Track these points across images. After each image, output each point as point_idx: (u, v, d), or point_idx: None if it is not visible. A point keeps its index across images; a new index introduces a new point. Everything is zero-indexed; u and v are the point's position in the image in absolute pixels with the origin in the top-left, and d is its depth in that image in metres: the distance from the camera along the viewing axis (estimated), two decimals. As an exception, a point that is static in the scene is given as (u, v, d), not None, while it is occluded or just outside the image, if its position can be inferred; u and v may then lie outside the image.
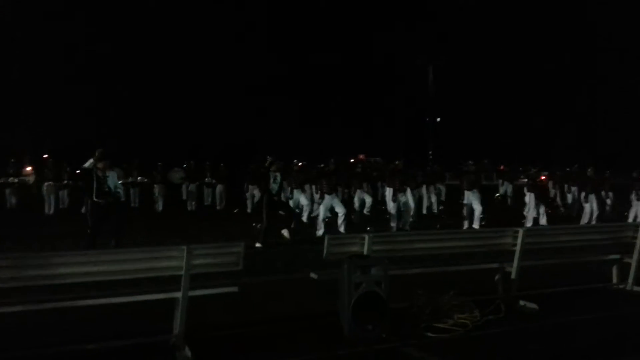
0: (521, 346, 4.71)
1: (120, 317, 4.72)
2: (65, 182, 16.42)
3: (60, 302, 4.19)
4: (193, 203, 17.23)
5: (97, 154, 7.74)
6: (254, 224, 12.50)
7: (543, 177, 13.82)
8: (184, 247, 4.27)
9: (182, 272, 4.29)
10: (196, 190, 17.55)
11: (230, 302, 5.21)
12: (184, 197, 17.93)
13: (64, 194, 16.63)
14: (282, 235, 10.33)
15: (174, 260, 4.33)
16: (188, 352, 4.20)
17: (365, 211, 14.11)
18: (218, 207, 17.12)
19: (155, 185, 16.98)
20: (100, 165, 7.74)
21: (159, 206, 16.65)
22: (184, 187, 18.12)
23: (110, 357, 4.22)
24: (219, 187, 17.33)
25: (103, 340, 4.29)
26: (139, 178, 17.19)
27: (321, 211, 11.33)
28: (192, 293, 4.40)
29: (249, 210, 15.64)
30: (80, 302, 4.25)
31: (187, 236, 10.74)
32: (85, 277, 4.14)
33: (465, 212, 12.43)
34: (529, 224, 12.43)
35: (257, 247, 9.43)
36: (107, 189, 7.74)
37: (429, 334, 4.80)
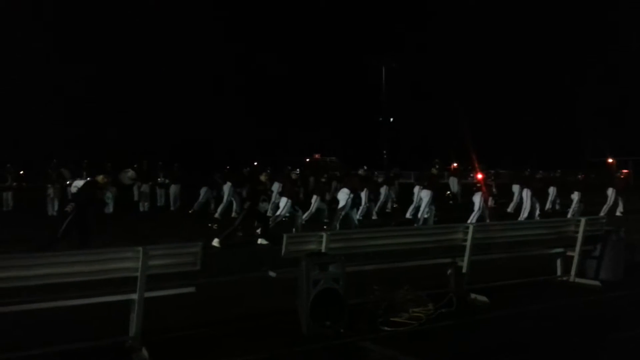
0: (472, 337, 4.91)
1: (75, 320, 4.59)
2: (8, 184, 15.70)
3: (10, 306, 4.03)
4: (145, 204, 16.82)
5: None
6: (209, 225, 12.39)
7: (480, 176, 14.57)
8: (140, 248, 4.20)
9: (138, 274, 4.22)
10: (149, 191, 17.14)
11: (188, 303, 5.16)
12: (136, 198, 17.48)
13: (8, 196, 15.90)
14: (261, 243, 10.11)
15: (129, 261, 4.25)
16: (145, 353, 4.13)
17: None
18: (172, 208, 16.79)
19: (109, 183, 16.44)
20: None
21: (109, 208, 16.16)
22: (135, 187, 17.65)
23: (63, 362, 4.10)
24: (173, 188, 16.98)
25: (57, 344, 4.16)
26: (88, 179, 16.60)
27: (283, 212, 11.43)
28: (148, 294, 4.34)
29: (212, 210, 15.39)
30: (32, 305, 4.10)
31: (141, 238, 10.51)
32: (36, 280, 4.00)
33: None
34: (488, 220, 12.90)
35: (215, 247, 9.34)
36: None
37: (385, 328, 4.92)
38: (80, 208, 7.79)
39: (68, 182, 15.37)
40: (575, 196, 14.97)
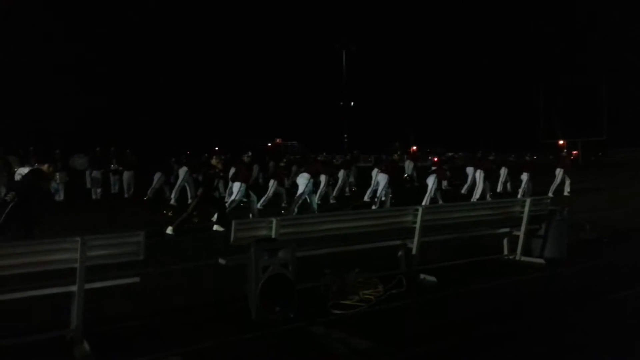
0: (421, 317, 5.00)
1: (15, 314, 4.41)
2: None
3: None
4: (98, 191, 16.34)
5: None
6: (164, 211, 12.16)
7: (436, 159, 14.94)
8: (78, 239, 4.05)
9: (77, 265, 4.08)
10: (101, 177, 16.65)
11: (136, 292, 5.04)
12: (88, 185, 16.95)
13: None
14: (217, 229, 9.98)
15: (68, 252, 4.10)
16: (87, 346, 4.02)
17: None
18: (126, 195, 16.38)
19: (55, 173, 15.82)
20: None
21: (60, 195, 15.61)
22: (87, 174, 17.10)
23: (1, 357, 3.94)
24: (127, 174, 16.55)
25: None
26: (33, 168, 15.91)
27: (237, 197, 11.36)
28: (89, 286, 4.20)
29: (167, 197, 15.07)
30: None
31: (92, 226, 10.23)
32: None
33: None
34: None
35: (168, 234, 9.17)
36: None
37: (335, 312, 4.95)
38: (23, 198, 7.44)
39: (14, 170, 14.73)
40: (525, 177, 15.45)
